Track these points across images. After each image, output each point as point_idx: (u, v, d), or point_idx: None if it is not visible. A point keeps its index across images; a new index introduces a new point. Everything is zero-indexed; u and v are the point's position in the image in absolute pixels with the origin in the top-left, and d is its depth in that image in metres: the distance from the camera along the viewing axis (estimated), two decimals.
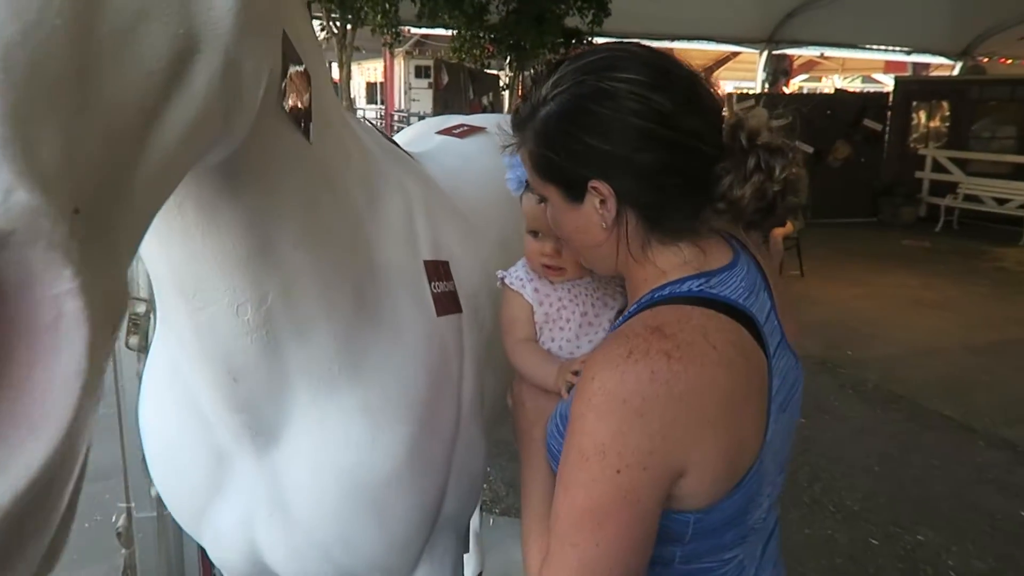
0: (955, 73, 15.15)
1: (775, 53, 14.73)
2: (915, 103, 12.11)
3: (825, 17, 12.96)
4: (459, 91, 8.66)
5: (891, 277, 7.99)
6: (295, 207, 0.88)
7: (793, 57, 19.66)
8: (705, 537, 0.93)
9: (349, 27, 8.48)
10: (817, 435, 4.14)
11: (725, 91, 13.33)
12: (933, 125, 12.12)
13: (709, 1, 12.56)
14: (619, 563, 0.85)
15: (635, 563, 0.86)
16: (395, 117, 14.36)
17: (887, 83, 17.69)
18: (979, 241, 9.97)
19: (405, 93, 15.15)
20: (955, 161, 11.10)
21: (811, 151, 9.91)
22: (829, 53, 18.23)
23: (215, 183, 0.78)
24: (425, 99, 11.54)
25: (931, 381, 5.05)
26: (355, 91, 20.96)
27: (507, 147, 1.05)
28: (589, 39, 9.57)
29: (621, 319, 0.98)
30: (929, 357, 5.56)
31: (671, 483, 0.85)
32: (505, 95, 10.48)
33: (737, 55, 21.81)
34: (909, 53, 15.29)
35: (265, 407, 0.99)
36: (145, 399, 1.14)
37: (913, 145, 12.01)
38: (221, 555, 1.16)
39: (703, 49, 19.71)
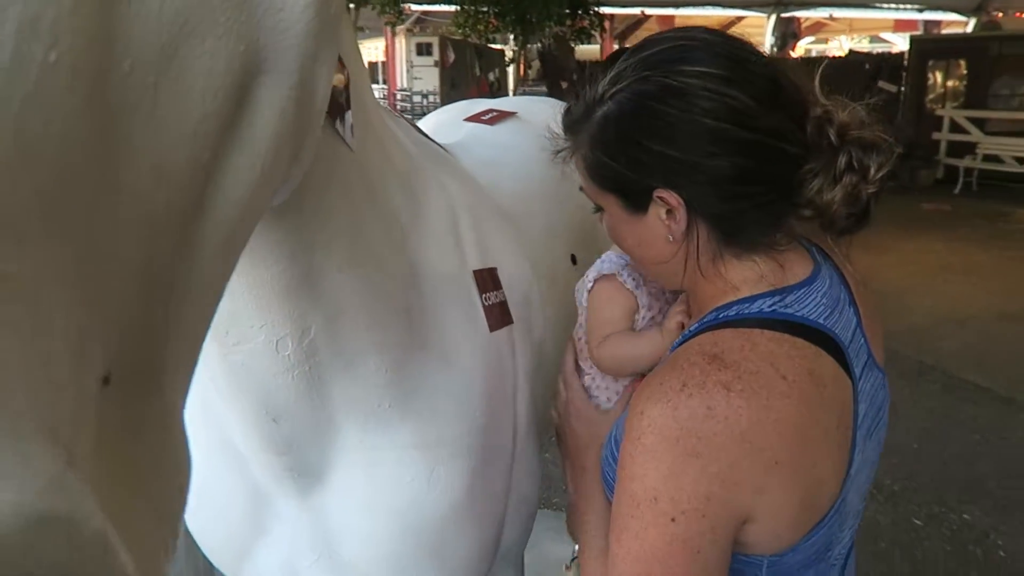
0: (969, 30, 14.80)
1: (783, 16, 14.42)
2: (931, 62, 11.84)
3: None
4: (465, 68, 8.47)
5: (915, 243, 7.81)
6: (340, 225, 0.77)
7: (800, 19, 19.29)
8: None
9: (352, 7, 8.32)
10: None
11: None
12: (950, 84, 11.85)
13: None
14: None
15: None
16: (398, 96, 14.18)
17: (896, 43, 17.36)
18: (1001, 202, 9.77)
19: (407, 72, 14.95)
20: (973, 121, 10.86)
21: None
22: (838, 14, 17.86)
23: None
24: (428, 77, 11.33)
25: (965, 351, 4.91)
26: None
27: (559, 152, 0.93)
28: (595, 9, 9.36)
29: (679, 340, 0.87)
30: (961, 326, 5.42)
31: (735, 530, 0.76)
32: (510, 70, 10.28)
33: (742, 19, 21.46)
34: (921, 10, 14.95)
35: (309, 447, 0.88)
36: None
37: (930, 106, 11.76)
38: None
39: (708, 15, 19.40)
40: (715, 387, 0.73)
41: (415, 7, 13.02)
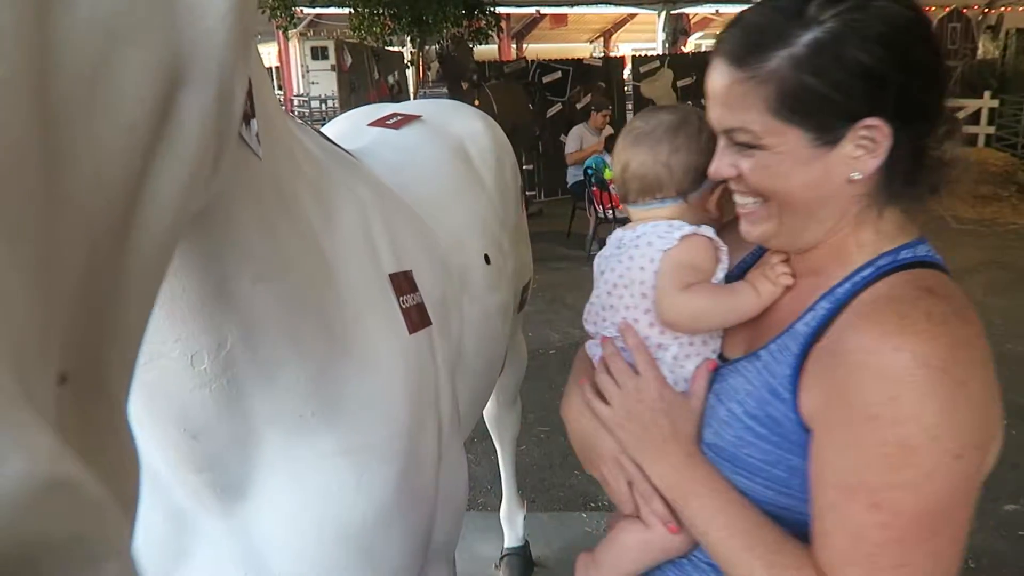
0: None
1: (673, 13, 14.87)
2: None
3: None
4: (364, 72, 8.37)
5: None
6: (252, 235, 0.76)
7: (689, 15, 19.93)
8: None
9: None
10: None
11: (625, 54, 13.42)
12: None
13: None
14: (951, 566, 0.72)
15: (959, 561, 0.73)
16: (295, 102, 13.85)
17: None
18: None
19: (303, 76, 14.62)
20: None
21: None
22: (723, 9, 18.55)
23: None
24: (325, 81, 11.12)
25: None
26: None
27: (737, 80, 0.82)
28: (491, 9, 9.42)
29: (845, 292, 0.82)
30: None
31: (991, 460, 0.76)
32: (409, 72, 10.22)
33: (634, 17, 21.99)
34: None
35: (231, 463, 0.87)
36: None
37: None
38: None
39: (601, 12, 19.79)
40: (953, 316, 0.73)
41: (308, 10, 12.75)
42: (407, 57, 9.76)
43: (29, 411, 0.24)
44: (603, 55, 13.96)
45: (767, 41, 0.79)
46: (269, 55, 21.47)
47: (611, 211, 7.20)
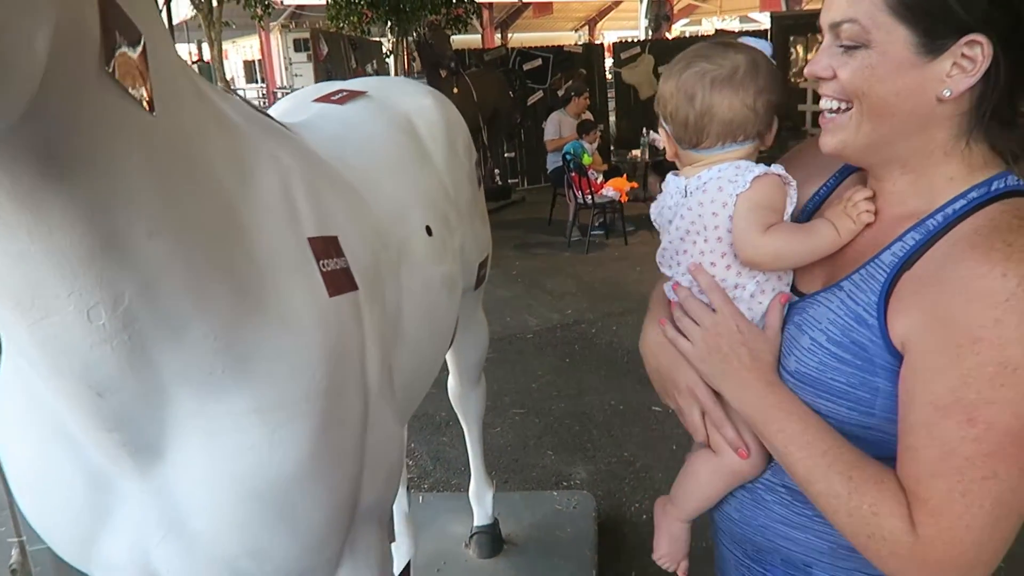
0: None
1: None
2: (792, 37, 12.45)
3: None
4: (341, 61, 8.33)
5: None
6: (144, 191, 0.76)
7: (672, 2, 19.90)
8: None
9: (215, 2, 8.01)
10: None
11: (608, 41, 13.38)
12: (811, 57, 12.49)
13: None
14: None
15: None
16: (278, 95, 13.79)
17: (763, 21, 18.16)
18: None
19: (286, 69, 14.56)
20: None
21: None
22: None
23: (32, 168, 0.65)
24: (308, 73, 11.07)
25: None
26: (232, 70, 20.07)
27: None
28: (470, 0, 9.40)
29: (937, 223, 0.85)
30: None
31: None
32: (390, 61, 10.18)
33: (619, 4, 21.97)
34: None
35: (141, 421, 0.87)
36: (2, 428, 1.00)
37: (794, 79, 12.39)
38: None
39: (584, 1, 19.76)
40: None
41: (288, 1, 12.68)
42: (386, 47, 9.71)
43: None
44: (586, 43, 13.92)
45: None
46: (252, 48, 21.36)
47: (590, 196, 7.21)
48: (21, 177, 0.65)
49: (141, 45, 0.74)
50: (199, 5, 8.01)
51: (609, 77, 11.79)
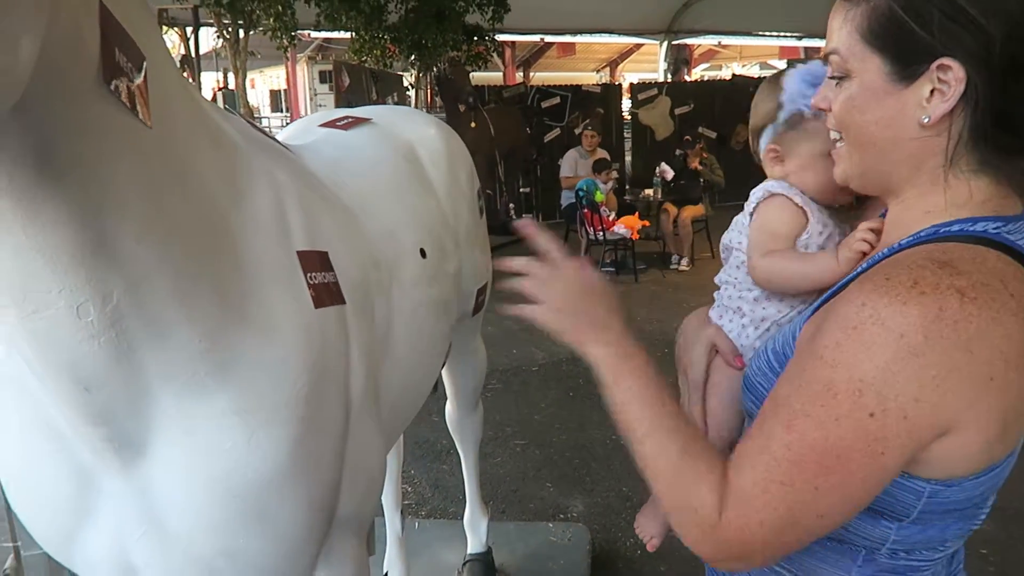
0: None
1: (674, 43, 15.05)
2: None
3: (721, 6, 13.30)
4: (362, 92, 8.51)
5: None
6: (134, 197, 0.81)
7: (693, 47, 20.16)
8: (930, 520, 0.81)
9: (242, 32, 8.22)
10: None
11: (628, 82, 13.56)
12: None
13: None
14: (830, 516, 0.76)
15: (842, 519, 0.77)
16: None
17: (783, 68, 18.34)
18: None
19: (311, 99, 14.83)
20: None
21: (715, 136, 10.18)
22: (726, 41, 18.78)
23: (29, 168, 0.70)
24: (331, 104, 11.27)
25: None
26: (257, 99, 20.46)
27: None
28: (490, 35, 9.57)
29: (881, 254, 0.85)
30: None
31: (927, 442, 0.74)
32: (411, 94, 10.37)
33: (640, 47, 22.25)
34: (800, 38, 15.87)
35: (125, 417, 0.91)
36: None
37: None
38: None
39: (607, 43, 20.04)
40: (949, 290, 0.71)
41: (315, 34, 12.97)
42: (408, 80, 9.90)
43: None
44: (605, 83, 14.11)
45: None
46: (278, 78, 21.79)
47: (601, 233, 7.26)
48: (17, 175, 0.70)
49: (143, 65, 0.79)
50: (227, 36, 8.23)
51: (626, 117, 11.92)
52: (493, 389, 4.73)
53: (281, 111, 20.51)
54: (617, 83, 14.28)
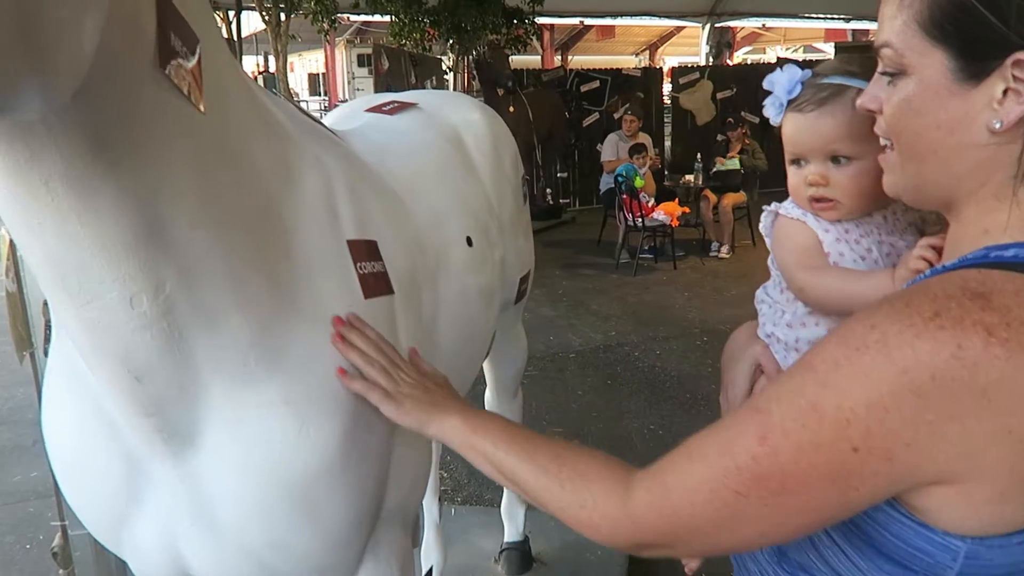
0: None
1: (717, 26, 14.76)
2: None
3: None
4: (401, 76, 8.50)
5: None
6: (188, 184, 0.80)
7: (736, 29, 19.77)
8: None
9: (283, 16, 8.25)
10: None
11: (668, 66, 13.37)
12: None
13: None
14: (771, 536, 0.71)
15: (784, 541, 0.73)
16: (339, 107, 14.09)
17: (829, 52, 17.94)
18: None
19: (349, 83, 14.90)
20: None
21: (757, 121, 9.98)
22: (771, 24, 18.38)
23: (86, 155, 0.69)
24: (369, 88, 11.30)
25: None
26: (296, 83, 20.62)
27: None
28: (530, 18, 9.48)
29: (927, 274, 0.76)
30: None
31: (912, 488, 0.67)
32: (449, 78, 10.34)
33: (681, 30, 21.90)
34: (848, 20, 15.46)
35: (175, 407, 0.90)
36: (47, 408, 1.05)
37: None
38: (143, 569, 1.08)
39: (647, 25, 19.74)
40: (974, 327, 0.61)
41: (354, 18, 12.99)
42: (446, 64, 9.87)
43: None
44: (645, 67, 13.93)
45: None
46: (317, 62, 21.94)
47: (640, 219, 7.18)
48: (75, 163, 0.69)
49: (197, 48, 0.77)
50: (267, 19, 8.27)
51: (667, 101, 11.75)
52: (529, 376, 4.70)
53: (319, 95, 20.66)
54: (658, 67, 14.07)
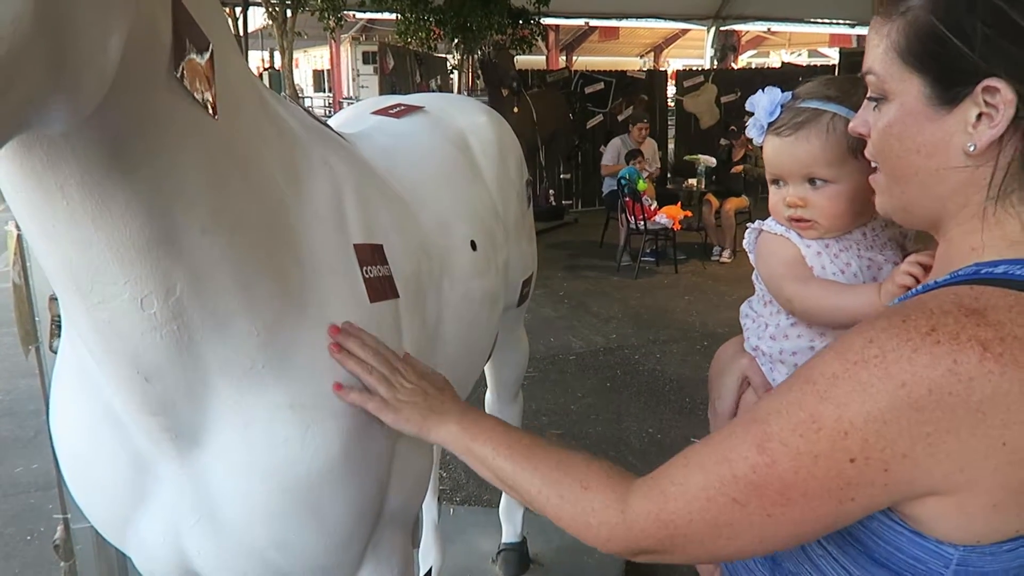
0: None
1: (722, 29, 14.78)
2: (860, 73, 12.28)
3: None
4: (406, 75, 8.52)
5: None
6: (200, 189, 0.81)
7: (740, 33, 19.79)
8: None
9: (290, 12, 8.27)
10: None
11: (672, 69, 13.37)
12: None
13: None
14: (771, 542, 0.72)
15: (781, 548, 0.74)
16: (343, 105, 14.12)
17: (834, 56, 17.94)
18: None
19: (353, 80, 14.89)
20: None
21: None
22: (776, 28, 18.38)
23: (102, 161, 0.70)
24: (374, 85, 11.30)
25: None
26: (301, 79, 20.62)
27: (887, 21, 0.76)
28: (536, 19, 9.50)
29: (917, 290, 0.78)
30: None
31: (907, 498, 0.68)
32: (454, 77, 10.35)
33: (686, 32, 21.89)
34: (853, 26, 15.47)
35: (183, 408, 0.92)
36: (55, 405, 1.06)
37: None
38: (148, 566, 1.09)
39: (652, 27, 19.75)
40: (969, 342, 0.63)
41: (359, 15, 12.99)
42: (451, 63, 9.89)
43: None
44: (649, 69, 13.94)
45: None
46: (321, 58, 21.94)
47: (642, 222, 7.18)
48: (91, 169, 0.70)
49: (209, 53, 0.79)
50: (274, 15, 8.29)
51: (671, 104, 11.76)
52: (529, 377, 4.71)
53: (324, 91, 20.66)
54: (662, 69, 14.08)
